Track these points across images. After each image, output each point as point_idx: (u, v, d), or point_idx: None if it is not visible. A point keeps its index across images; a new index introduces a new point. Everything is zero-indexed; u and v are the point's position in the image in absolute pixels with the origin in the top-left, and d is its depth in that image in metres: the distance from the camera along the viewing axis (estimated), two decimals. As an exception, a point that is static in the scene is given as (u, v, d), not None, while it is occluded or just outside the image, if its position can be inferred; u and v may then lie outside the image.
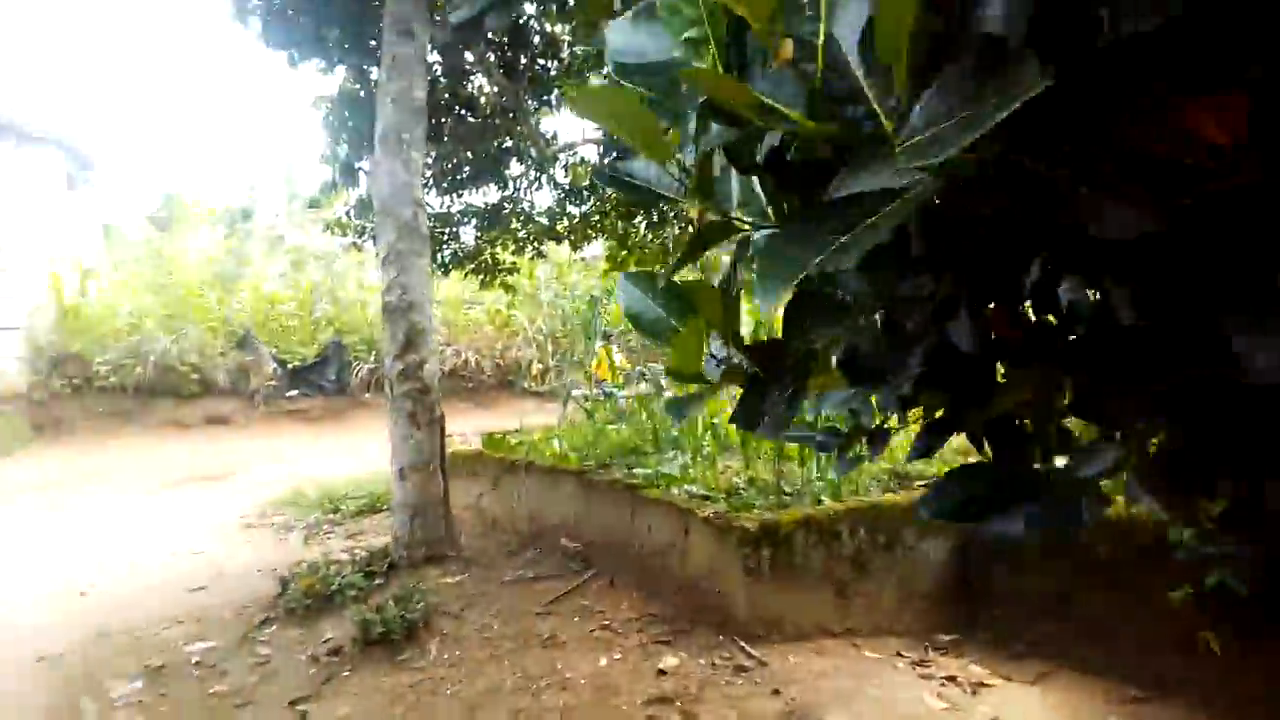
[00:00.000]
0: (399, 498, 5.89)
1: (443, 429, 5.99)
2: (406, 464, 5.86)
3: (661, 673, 3.88)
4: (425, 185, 9.60)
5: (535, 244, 11.41)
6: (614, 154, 10.21)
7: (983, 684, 3.97)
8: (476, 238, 11.34)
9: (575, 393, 16.21)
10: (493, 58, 9.52)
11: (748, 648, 4.07)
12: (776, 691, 3.71)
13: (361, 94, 9.63)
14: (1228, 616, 3.47)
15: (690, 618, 4.39)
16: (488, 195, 11.15)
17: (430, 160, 9.91)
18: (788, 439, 2.45)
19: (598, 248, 12.96)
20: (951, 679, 3.99)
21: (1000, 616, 4.54)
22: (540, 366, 21.33)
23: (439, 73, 9.79)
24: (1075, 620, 4.23)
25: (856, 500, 4.61)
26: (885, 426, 2.16)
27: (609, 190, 10.99)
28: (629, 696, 3.71)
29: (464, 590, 5.18)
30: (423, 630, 4.54)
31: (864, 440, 2.23)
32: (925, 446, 1.42)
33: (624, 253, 11.68)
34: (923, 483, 5.54)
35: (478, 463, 7.42)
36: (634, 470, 5.72)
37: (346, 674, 4.29)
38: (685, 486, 5.39)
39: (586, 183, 10.91)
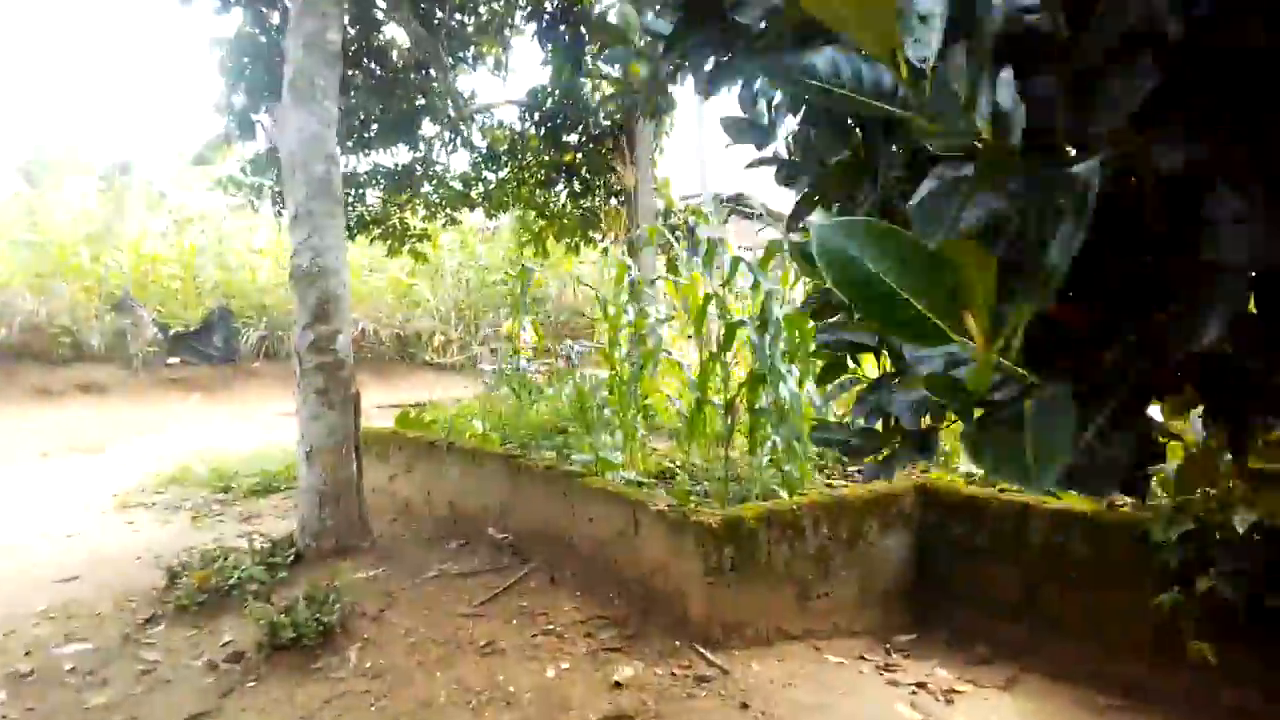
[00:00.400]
0: (306, 481, 5.32)
1: (357, 407, 5.44)
2: (316, 444, 5.29)
3: (617, 685, 3.49)
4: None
5: (448, 210, 10.80)
6: (538, 115, 9.70)
7: (954, 690, 3.72)
8: (384, 201, 10.66)
9: (487, 367, 15.67)
10: (409, 6, 8.84)
11: (708, 654, 3.72)
12: (745, 705, 3.37)
13: (261, 39, 8.84)
14: (1213, 624, 3.29)
15: (642, 620, 4.01)
16: (397, 156, 10.48)
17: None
18: (816, 440, 2.10)
19: (506, 219, 12.39)
20: (921, 685, 3.73)
21: (961, 616, 4.32)
22: (442, 339, 20.59)
23: (347, 20, 9.07)
24: (1041, 621, 4.03)
25: (819, 493, 4.30)
26: (930, 428, 1.85)
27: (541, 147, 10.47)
28: (581, 712, 3.30)
29: (383, 587, 4.66)
30: (340, 634, 4.03)
31: (905, 443, 1.92)
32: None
33: (542, 222, 11.18)
34: (858, 469, 5.30)
35: (390, 442, 6.86)
36: (569, 455, 5.31)
37: (251, 684, 3.76)
38: (621, 473, 5.02)
39: (505, 147, 10.35)
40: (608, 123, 9.61)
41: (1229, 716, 3.31)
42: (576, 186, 10.49)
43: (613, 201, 10.43)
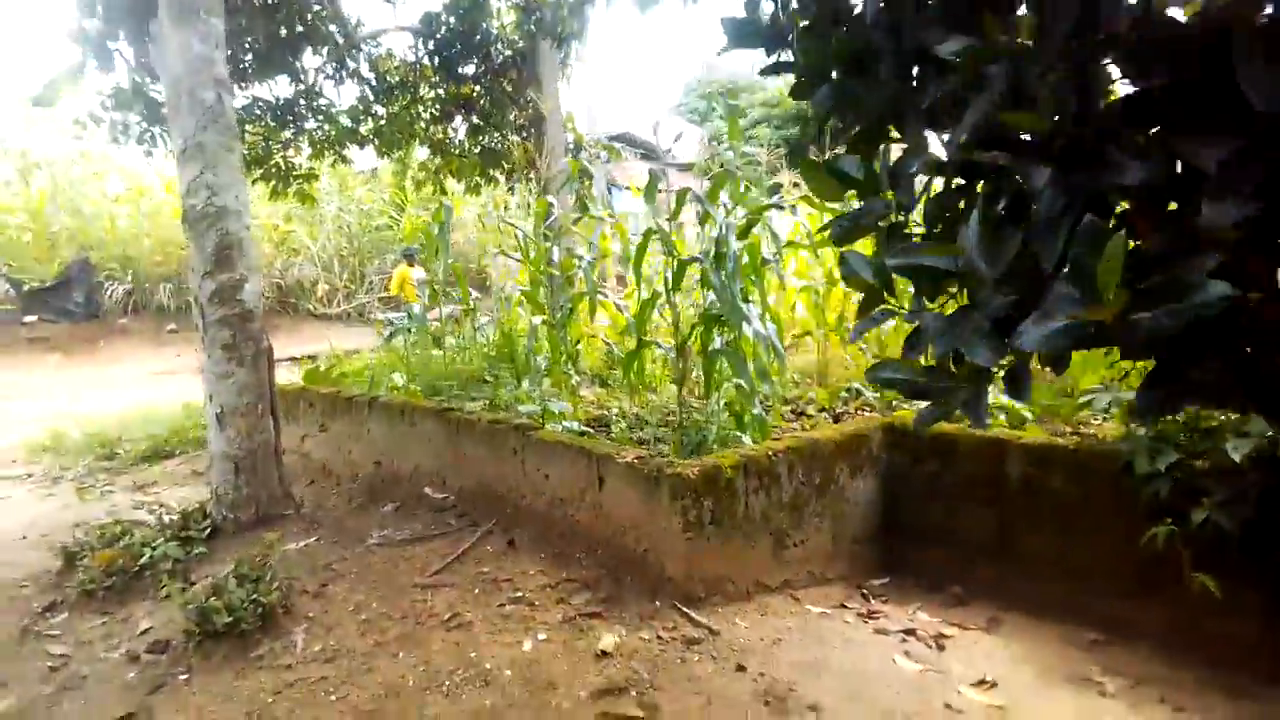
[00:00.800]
0: (218, 446, 4.80)
1: (270, 363, 4.92)
2: (226, 405, 4.76)
3: (603, 654, 3.21)
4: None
5: (336, 148, 10.06)
6: (432, 44, 9.06)
7: (942, 635, 3.61)
8: (265, 139, 9.86)
9: (381, 316, 14.97)
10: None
11: (692, 614, 3.47)
12: (741, 668, 3.15)
13: (121, -47, 7.90)
14: (1206, 555, 3.23)
15: (615, 582, 3.73)
16: (278, 89, 9.67)
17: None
18: (877, 380, 1.90)
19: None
20: (910, 633, 3.60)
21: (933, 558, 4.22)
22: (327, 288, 19.60)
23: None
24: (1017, 560, 3.96)
25: (793, 437, 4.09)
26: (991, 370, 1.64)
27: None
28: (569, 689, 3.02)
29: (320, 559, 4.22)
30: (282, 615, 3.60)
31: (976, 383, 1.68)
32: None
33: (438, 160, 10.57)
34: (816, 410, 5.14)
35: (298, 399, 6.33)
36: (509, 406, 4.94)
37: (183, 677, 3.32)
38: (565, 423, 4.70)
39: (397, 79, 9.67)
40: (509, 52, 9.05)
41: (1220, 645, 3.28)
42: (476, 121, 9.90)
43: (514, 138, 9.92)
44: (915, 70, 1.77)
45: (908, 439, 4.31)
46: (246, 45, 8.80)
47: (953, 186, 1.86)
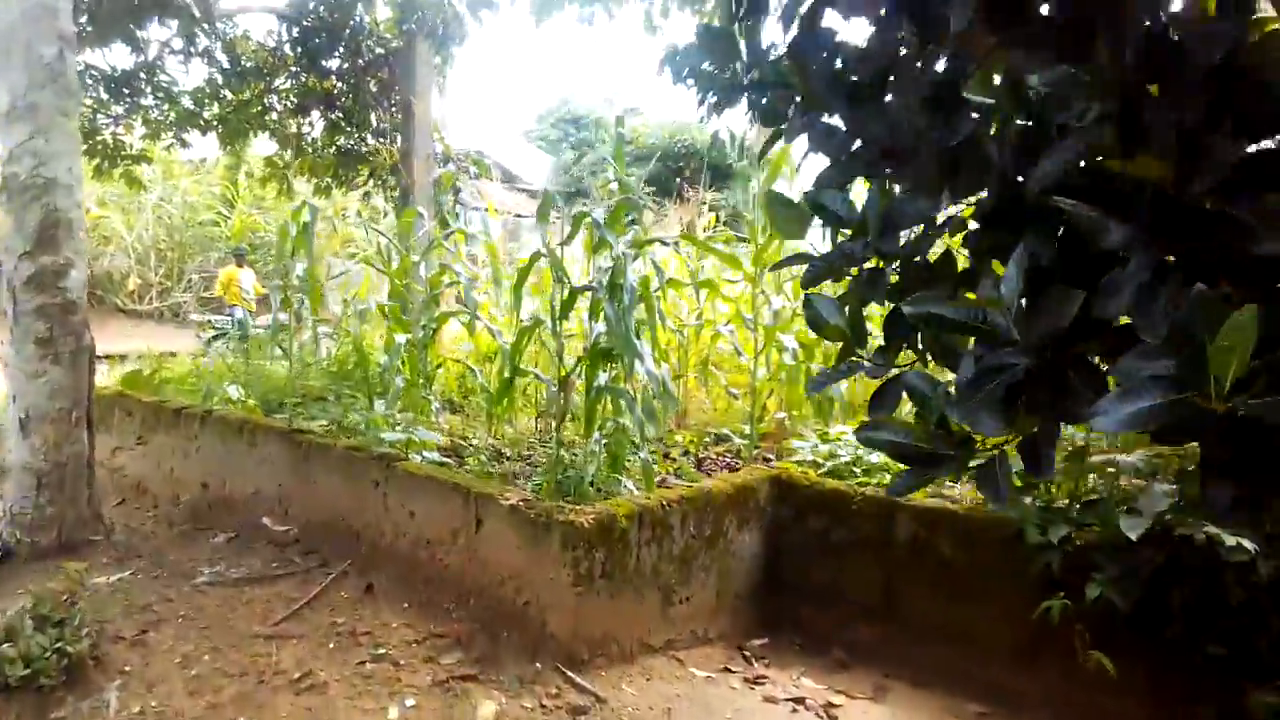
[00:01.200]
0: (19, 456, 4.10)
1: (92, 363, 4.27)
2: (34, 409, 4.08)
3: (482, 726, 2.86)
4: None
5: (176, 131, 9.20)
6: (297, 30, 8.44)
7: (831, 704, 3.46)
8: (95, 110, 8.90)
9: (196, 317, 13.85)
10: None
11: (577, 679, 3.16)
12: (633, 741, 2.87)
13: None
14: (1095, 630, 3.23)
15: (490, 639, 3.35)
16: (114, 57, 8.75)
17: None
18: (870, 441, 1.75)
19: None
20: (799, 701, 3.43)
21: (815, 618, 4.09)
22: (139, 282, 18.01)
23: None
24: (902, 624, 3.88)
25: (685, 487, 3.86)
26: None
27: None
28: (444, 767, 2.65)
29: (137, 598, 3.61)
30: (92, 667, 3.02)
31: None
32: None
33: (286, 154, 9.87)
34: (679, 453, 4.95)
35: (113, 407, 5.59)
36: (370, 431, 4.49)
37: (-42, 747, 2.73)
38: (426, 453, 4.30)
39: (252, 63, 8.95)
40: (381, 50, 8.55)
41: (1104, 720, 3.27)
42: (336, 118, 9.30)
43: (377, 141, 9.39)
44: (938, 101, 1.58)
45: (794, 493, 4.18)
46: (84, 4, 7.90)
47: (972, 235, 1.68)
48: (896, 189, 1.79)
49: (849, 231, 1.85)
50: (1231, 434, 1.13)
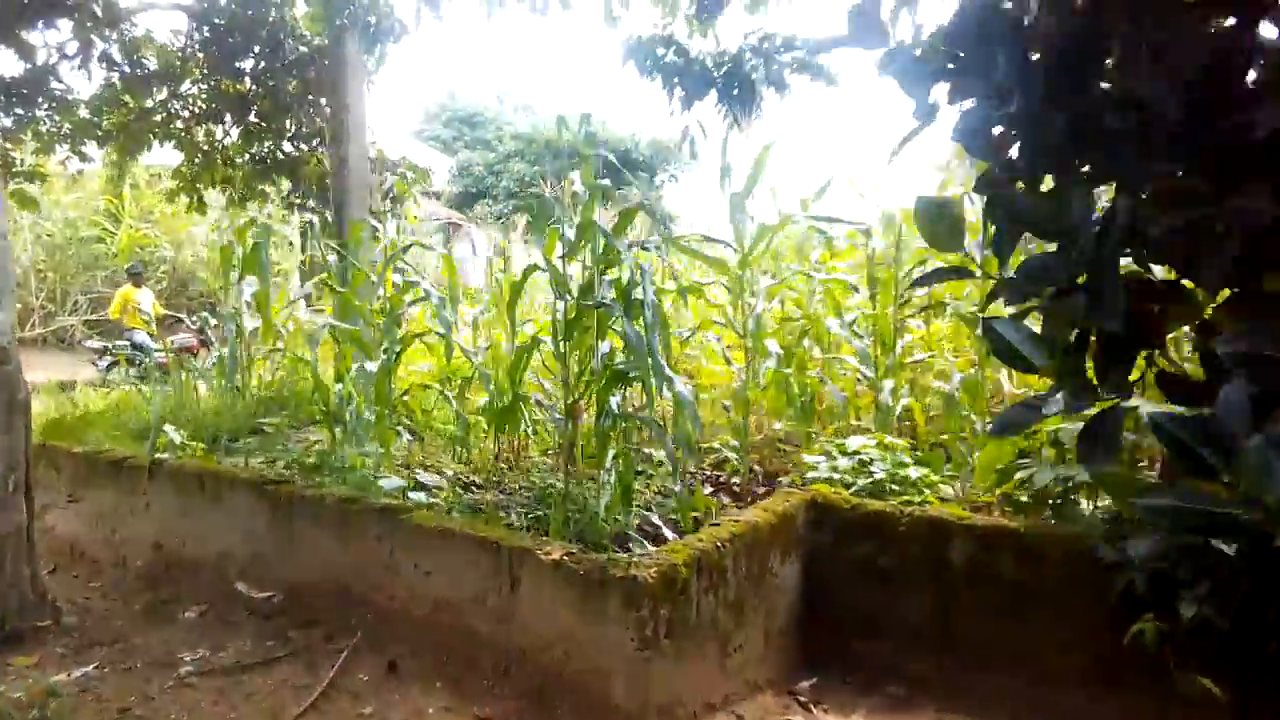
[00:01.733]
0: (-55, 535, 3.47)
1: (27, 423, 3.66)
2: (-40, 479, 3.46)
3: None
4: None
5: (71, 143, 8.37)
6: (208, 29, 7.73)
7: (901, 748, 3.17)
8: (-23, 124, 8.01)
9: (92, 344, 12.81)
10: None
11: (653, 759, 2.78)
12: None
13: None
14: (1186, 650, 3.03)
15: (546, 713, 2.94)
16: (2, 65, 7.87)
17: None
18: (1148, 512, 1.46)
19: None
20: (873, 755, 3.12)
21: (864, 651, 3.79)
22: (19, 307, 16.59)
23: None
24: (958, 653, 3.62)
25: (733, 522, 3.50)
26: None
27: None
28: None
29: (112, 699, 3.03)
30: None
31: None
32: None
33: (194, 165, 9.10)
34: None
35: (36, 460, 4.89)
36: (366, 476, 3.98)
37: None
38: (414, 494, 3.85)
39: (157, 67, 8.18)
40: (304, 49, 7.92)
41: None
42: (253, 123, 8.59)
43: (304, 146, 8.72)
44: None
45: (833, 516, 3.87)
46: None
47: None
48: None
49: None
50: None
